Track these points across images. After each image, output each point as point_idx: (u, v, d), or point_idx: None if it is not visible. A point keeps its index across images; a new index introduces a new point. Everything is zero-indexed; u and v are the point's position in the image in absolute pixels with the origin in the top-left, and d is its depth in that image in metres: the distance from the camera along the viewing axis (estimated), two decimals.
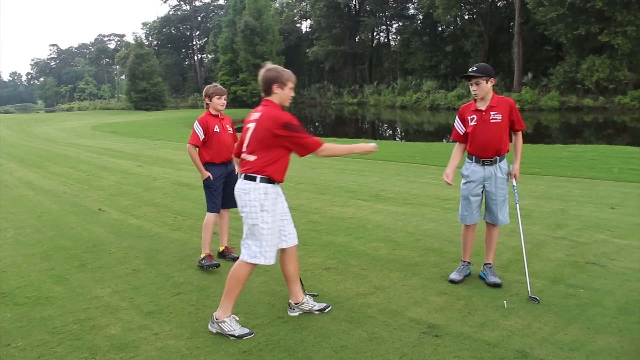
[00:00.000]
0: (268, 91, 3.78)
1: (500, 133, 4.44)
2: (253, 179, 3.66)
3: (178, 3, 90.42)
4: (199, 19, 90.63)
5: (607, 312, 3.91)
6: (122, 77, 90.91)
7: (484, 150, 4.48)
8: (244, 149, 3.79)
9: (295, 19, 78.45)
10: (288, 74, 3.81)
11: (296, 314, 4.01)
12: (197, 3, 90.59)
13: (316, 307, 4.05)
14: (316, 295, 4.29)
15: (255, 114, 3.78)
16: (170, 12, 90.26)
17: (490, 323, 3.78)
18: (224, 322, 3.72)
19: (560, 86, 40.15)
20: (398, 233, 6.29)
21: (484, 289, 4.43)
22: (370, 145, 3.94)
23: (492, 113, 4.43)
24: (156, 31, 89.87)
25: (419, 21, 64.55)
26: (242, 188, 3.70)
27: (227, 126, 5.38)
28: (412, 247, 5.71)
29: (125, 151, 17.94)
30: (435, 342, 3.51)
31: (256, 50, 57.50)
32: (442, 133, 31.47)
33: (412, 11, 65.95)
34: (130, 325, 3.91)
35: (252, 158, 3.69)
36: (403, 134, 33.89)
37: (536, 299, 4.12)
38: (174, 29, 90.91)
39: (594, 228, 6.25)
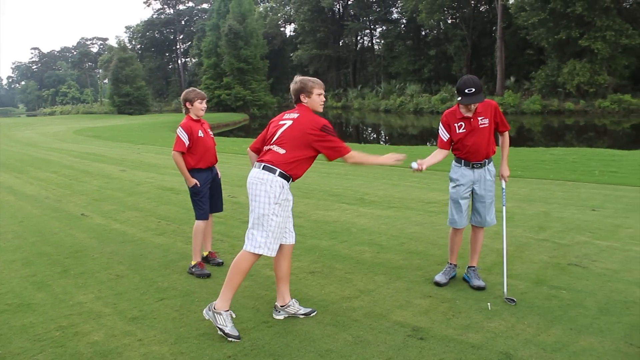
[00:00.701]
0: (298, 102, 3.97)
1: (489, 136, 4.48)
2: (273, 171, 3.73)
3: (162, 7, 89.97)
4: (183, 22, 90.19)
5: (589, 312, 3.95)
6: (105, 81, 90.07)
7: (474, 155, 4.50)
8: (273, 141, 3.84)
9: (280, 22, 78.43)
10: (312, 82, 3.97)
11: (281, 317, 4.01)
12: (181, 7, 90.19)
13: (301, 311, 4.05)
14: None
15: (292, 114, 3.92)
16: (154, 16, 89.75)
17: (475, 325, 3.80)
18: (220, 314, 3.72)
19: (542, 90, 40.65)
20: (382, 236, 6.31)
21: (468, 291, 4.46)
22: (401, 155, 4.05)
23: (479, 119, 4.46)
24: (139, 35, 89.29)
25: (402, 25, 64.94)
26: (260, 177, 3.74)
27: (208, 130, 5.33)
28: (397, 250, 5.73)
29: (108, 155, 17.79)
30: (420, 344, 3.53)
31: (240, 54, 57.31)
32: (426, 136, 31.63)
33: (395, 15, 66.38)
34: (114, 332, 3.87)
35: (281, 151, 3.77)
36: (387, 137, 34.03)
37: (513, 300, 4.15)
38: (157, 33, 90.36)
39: (576, 230, 6.32)
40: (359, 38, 72.04)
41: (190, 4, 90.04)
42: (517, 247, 5.68)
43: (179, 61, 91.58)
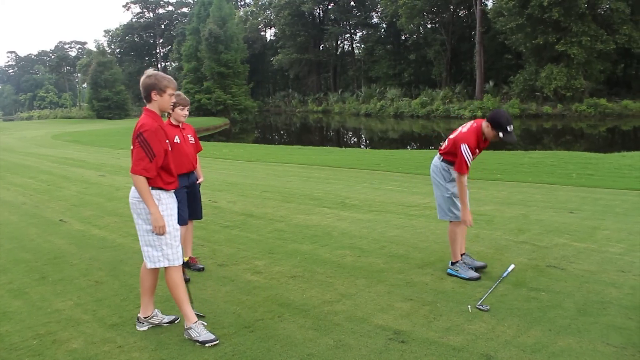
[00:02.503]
0: (148, 98, 3.74)
1: None
2: None
3: (141, 11, 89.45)
4: (163, 26, 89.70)
5: (567, 313, 4.00)
6: (83, 85, 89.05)
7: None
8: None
9: (260, 27, 78.46)
10: (168, 80, 3.77)
11: (145, 328, 3.94)
12: (161, 11, 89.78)
13: (166, 320, 4.00)
14: (203, 317, 4.14)
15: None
16: (133, 20, 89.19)
17: (455, 328, 3.82)
18: (190, 328, 3.71)
19: (521, 94, 41.19)
20: (363, 240, 6.32)
21: (449, 294, 4.48)
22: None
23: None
24: (119, 39, 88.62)
25: (382, 30, 65.41)
26: (135, 196, 3.69)
27: (189, 136, 5.21)
28: (378, 254, 5.74)
29: (87, 160, 17.60)
30: (402, 348, 3.54)
31: (220, 58, 57.18)
32: (407, 140, 31.86)
33: (375, 20, 66.86)
34: (93, 339, 3.82)
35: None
36: (368, 141, 34.16)
37: (484, 308, 4.17)
38: (137, 37, 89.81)
39: (554, 232, 6.40)
40: (339, 42, 72.36)
41: (170, 8, 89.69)
42: (496, 249, 5.73)
43: (159, 65, 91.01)
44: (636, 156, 14.29)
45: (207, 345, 3.63)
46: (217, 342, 3.67)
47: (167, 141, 3.75)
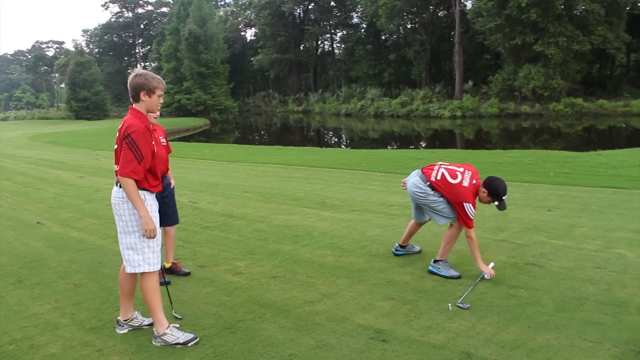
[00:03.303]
0: (136, 99, 3.69)
1: None
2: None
3: (120, 10, 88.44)
4: (142, 26, 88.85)
5: (546, 310, 4.06)
6: (61, 86, 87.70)
7: None
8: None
9: (240, 27, 78.14)
10: (158, 80, 3.70)
11: (125, 330, 3.91)
12: (140, 10, 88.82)
13: (146, 322, 3.97)
14: (180, 319, 4.14)
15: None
16: (112, 19, 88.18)
17: (436, 326, 3.85)
18: (165, 334, 3.66)
19: (499, 93, 41.63)
20: (344, 240, 6.33)
21: (429, 292, 4.51)
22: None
23: None
24: (97, 38, 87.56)
25: (362, 30, 65.62)
26: (120, 197, 3.62)
27: (160, 138, 5.03)
28: (358, 253, 5.76)
29: (65, 162, 17.37)
30: (383, 347, 3.55)
31: (200, 58, 56.85)
32: (387, 140, 31.98)
33: (355, 20, 67.03)
34: (72, 343, 3.77)
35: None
36: (348, 141, 34.23)
37: (465, 305, 4.22)
38: (115, 37, 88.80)
39: (533, 230, 6.48)
40: (319, 42, 72.39)
41: (150, 7, 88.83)
42: None
43: (138, 65, 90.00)
44: (611, 155, 14.54)
45: (189, 344, 3.62)
46: (198, 339, 3.67)
47: (152, 143, 3.69)
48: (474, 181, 4.84)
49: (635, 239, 6.00)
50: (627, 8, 38.48)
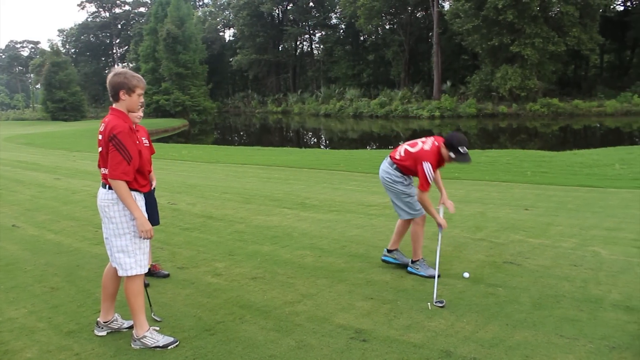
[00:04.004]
0: (115, 98, 3.59)
1: None
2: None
3: (97, 10, 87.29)
4: (119, 26, 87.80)
5: (523, 308, 4.10)
6: (37, 86, 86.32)
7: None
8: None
9: (219, 27, 77.78)
10: (137, 79, 3.60)
11: (104, 333, 3.87)
12: (117, 10, 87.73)
13: (125, 325, 3.93)
14: (160, 321, 4.12)
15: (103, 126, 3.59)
16: (89, 19, 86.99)
17: (416, 325, 3.87)
18: (145, 337, 3.63)
19: (477, 94, 42.07)
20: (324, 240, 6.34)
21: (409, 292, 4.54)
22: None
23: None
24: (74, 38, 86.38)
25: (341, 30, 65.75)
26: (110, 198, 3.59)
27: (143, 138, 5.06)
28: (338, 253, 5.77)
29: (41, 163, 17.10)
30: (363, 346, 3.56)
31: (179, 58, 56.43)
32: (366, 140, 32.10)
33: (334, 21, 67.12)
34: (49, 347, 3.71)
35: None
36: (327, 141, 34.28)
37: (442, 302, 4.26)
38: (92, 37, 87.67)
39: (511, 229, 6.55)
40: (298, 43, 72.38)
41: (127, 7, 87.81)
42: (455, 247, 5.83)
43: (115, 66, 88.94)
44: (586, 154, 14.79)
45: (169, 347, 3.59)
46: (178, 342, 3.64)
47: (137, 142, 3.63)
48: (436, 143, 4.82)
49: (609, 236, 6.11)
50: (600, 10, 39.18)
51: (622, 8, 47.13)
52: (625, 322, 3.80)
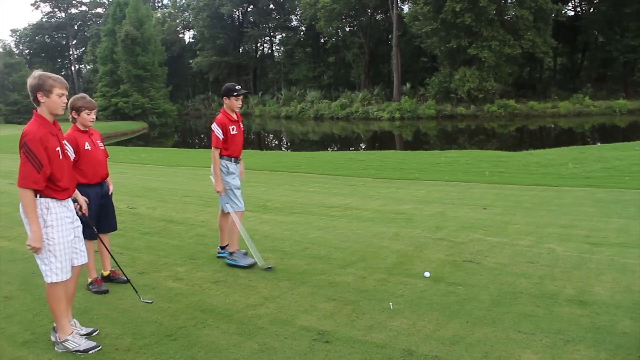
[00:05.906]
0: (36, 101, 3.53)
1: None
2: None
3: (52, 10, 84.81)
4: (76, 27, 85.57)
5: (483, 305, 4.18)
6: None
7: (238, 152, 5.60)
8: None
9: (178, 29, 76.70)
10: (54, 79, 3.51)
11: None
12: (73, 10, 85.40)
13: (83, 331, 3.88)
14: (151, 302, 4.36)
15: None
16: (44, 19, 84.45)
17: (378, 325, 3.90)
18: (67, 340, 3.58)
19: (436, 95, 42.72)
20: (285, 242, 6.33)
21: (371, 292, 4.56)
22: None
23: (241, 123, 5.67)
24: (27, 39, 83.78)
25: (302, 32, 65.73)
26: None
27: (98, 141, 4.89)
28: (300, 255, 5.77)
29: None
30: (326, 348, 3.57)
31: (138, 60, 55.42)
32: (327, 142, 32.19)
33: (295, 23, 67.11)
34: (2, 359, 3.60)
35: None
36: (289, 144, 34.27)
37: (270, 267, 4.69)
38: (47, 37, 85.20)
39: (470, 228, 6.67)
40: (259, 45, 72.05)
41: (84, 8, 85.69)
42: (415, 247, 5.90)
43: (73, 68, 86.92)
44: (542, 154, 15.19)
45: (90, 352, 3.55)
46: (100, 347, 3.62)
47: (57, 149, 3.51)
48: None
49: (564, 233, 6.29)
50: (553, 15, 40.34)
51: (572, 13, 48.79)
52: (579, 316, 3.91)
